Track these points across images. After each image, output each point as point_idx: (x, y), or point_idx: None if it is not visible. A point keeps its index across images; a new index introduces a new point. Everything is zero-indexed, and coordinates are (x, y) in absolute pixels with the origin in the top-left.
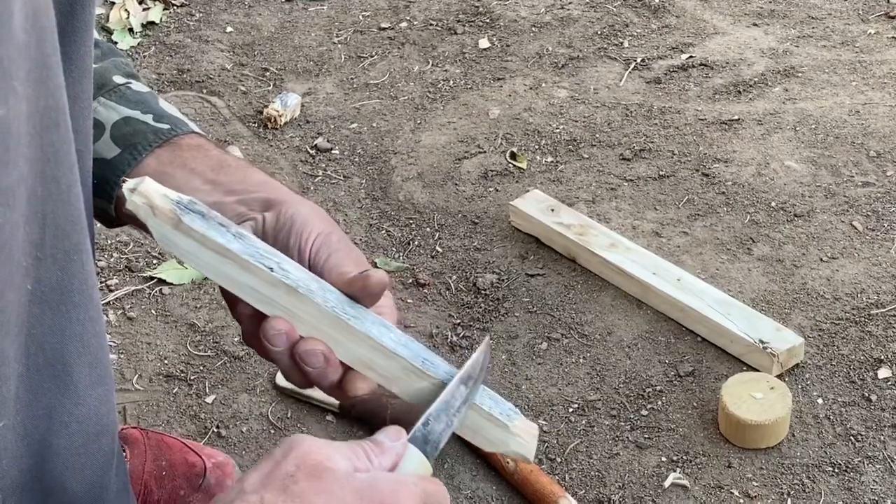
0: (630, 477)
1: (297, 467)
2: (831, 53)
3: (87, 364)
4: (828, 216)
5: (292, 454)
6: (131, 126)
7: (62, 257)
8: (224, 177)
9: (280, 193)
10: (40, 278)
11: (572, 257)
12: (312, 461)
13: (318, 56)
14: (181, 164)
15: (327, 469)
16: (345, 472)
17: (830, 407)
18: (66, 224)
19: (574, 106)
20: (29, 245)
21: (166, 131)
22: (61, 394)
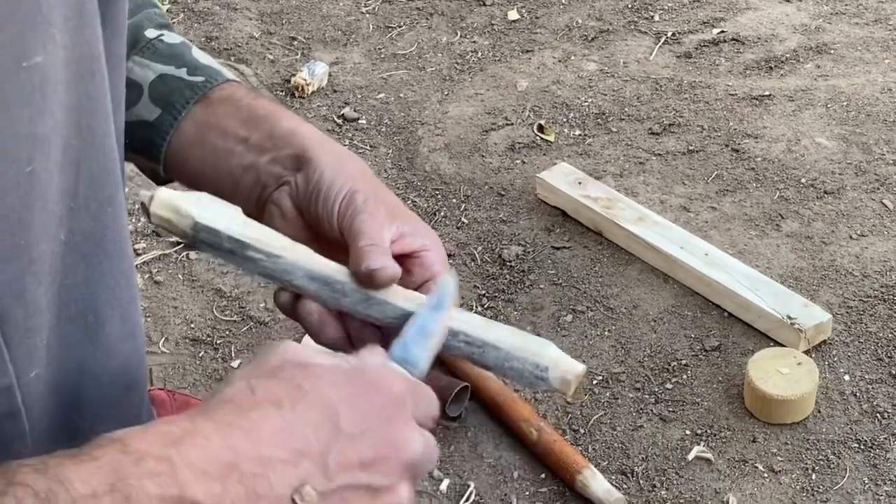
0: (653, 449)
1: (284, 361)
2: (864, 31)
3: (118, 317)
4: (858, 193)
5: (277, 353)
6: (167, 84)
7: (95, 207)
8: (255, 132)
9: (310, 148)
10: (74, 228)
11: (599, 230)
12: (298, 358)
13: (346, 26)
14: (215, 125)
15: (312, 359)
16: (331, 362)
17: (857, 384)
18: (100, 174)
19: (603, 79)
20: (63, 194)
21: (200, 85)
22: (92, 346)
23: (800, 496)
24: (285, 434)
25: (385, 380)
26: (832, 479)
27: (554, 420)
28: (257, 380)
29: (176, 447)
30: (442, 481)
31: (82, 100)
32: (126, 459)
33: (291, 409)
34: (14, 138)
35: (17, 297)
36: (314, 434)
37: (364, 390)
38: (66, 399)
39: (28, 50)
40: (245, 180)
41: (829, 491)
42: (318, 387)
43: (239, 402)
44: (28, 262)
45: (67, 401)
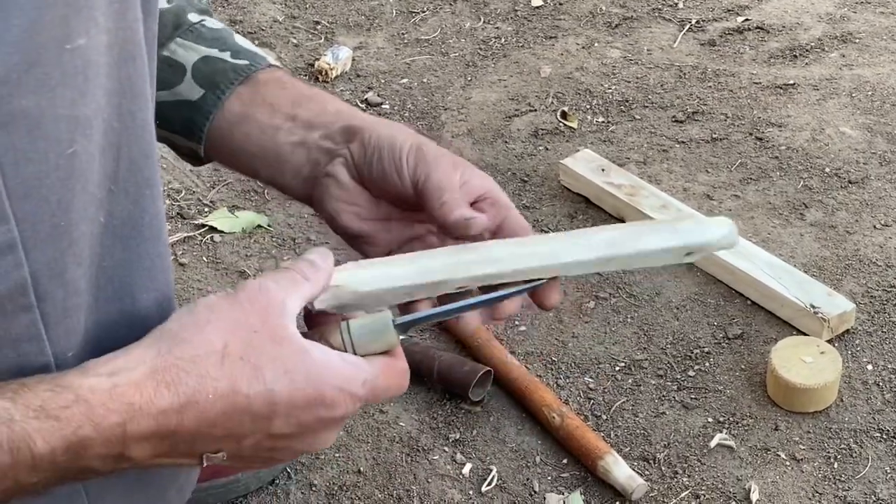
0: (675, 436)
1: (262, 322)
2: (890, 20)
3: (154, 300)
4: (882, 183)
5: (258, 304)
6: (211, 65)
7: (134, 191)
8: (303, 111)
9: (358, 119)
10: (113, 211)
11: (622, 218)
12: (275, 321)
13: (369, 10)
14: (262, 102)
15: (286, 338)
16: (300, 347)
17: (880, 373)
18: (140, 158)
19: (627, 66)
20: (103, 177)
21: (245, 67)
22: (128, 327)
23: (822, 484)
24: (227, 418)
25: (337, 400)
26: (854, 468)
27: (576, 406)
28: (234, 345)
29: (131, 417)
30: (464, 465)
31: (124, 84)
32: (86, 425)
33: (245, 397)
34: (56, 119)
35: (57, 278)
36: (251, 425)
37: (312, 403)
38: None
39: (72, 32)
40: (295, 158)
41: (851, 480)
42: (276, 384)
43: (205, 371)
44: (68, 243)
45: None
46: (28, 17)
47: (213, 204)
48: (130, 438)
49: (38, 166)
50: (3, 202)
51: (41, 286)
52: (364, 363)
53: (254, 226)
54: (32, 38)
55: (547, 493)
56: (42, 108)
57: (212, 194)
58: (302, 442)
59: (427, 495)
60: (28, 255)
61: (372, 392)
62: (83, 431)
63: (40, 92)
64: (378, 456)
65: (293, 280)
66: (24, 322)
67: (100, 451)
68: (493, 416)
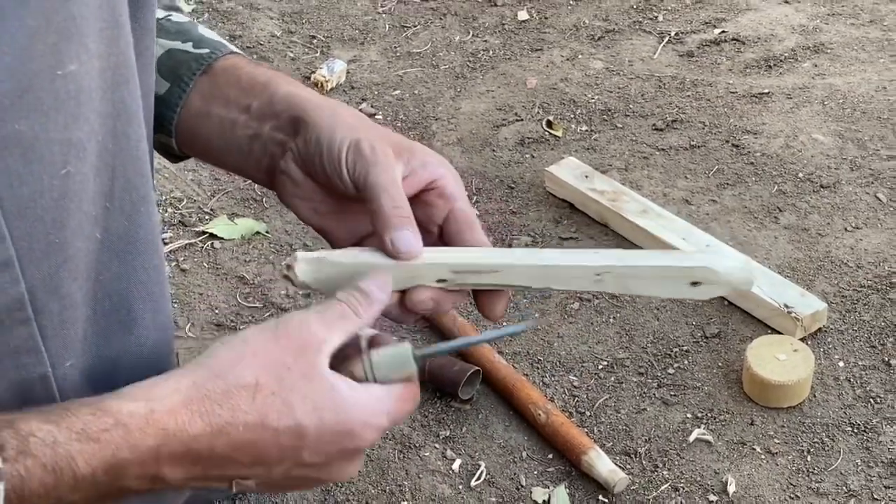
0: (656, 431)
1: (295, 358)
2: (860, 31)
3: (150, 310)
4: (853, 187)
5: (295, 342)
6: (174, 58)
7: (129, 208)
8: (255, 100)
9: (303, 109)
10: (109, 227)
11: (605, 222)
12: (309, 358)
13: (363, 25)
14: (219, 95)
15: (316, 375)
16: (329, 384)
17: (851, 370)
18: (134, 177)
19: (609, 77)
20: (98, 195)
21: (206, 56)
22: (125, 337)
23: (796, 477)
24: (255, 448)
25: (362, 433)
26: (826, 460)
27: (561, 403)
28: (265, 378)
29: (166, 442)
30: (454, 461)
31: (117, 106)
32: (124, 447)
33: (273, 430)
34: (49, 143)
35: (53, 292)
36: (277, 454)
37: (340, 437)
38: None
39: (63, 59)
40: (254, 151)
41: (823, 472)
42: (304, 418)
43: (236, 405)
44: (63, 259)
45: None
46: (20, 45)
47: (213, 212)
48: (164, 461)
49: (32, 187)
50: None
51: (38, 300)
52: (386, 394)
53: (252, 232)
54: (25, 65)
55: (533, 487)
56: (35, 132)
57: (212, 202)
58: (329, 471)
59: (419, 490)
60: (24, 272)
61: (393, 420)
62: (121, 454)
63: (33, 117)
64: (371, 453)
65: (341, 315)
66: (22, 335)
67: (136, 472)
68: (481, 414)
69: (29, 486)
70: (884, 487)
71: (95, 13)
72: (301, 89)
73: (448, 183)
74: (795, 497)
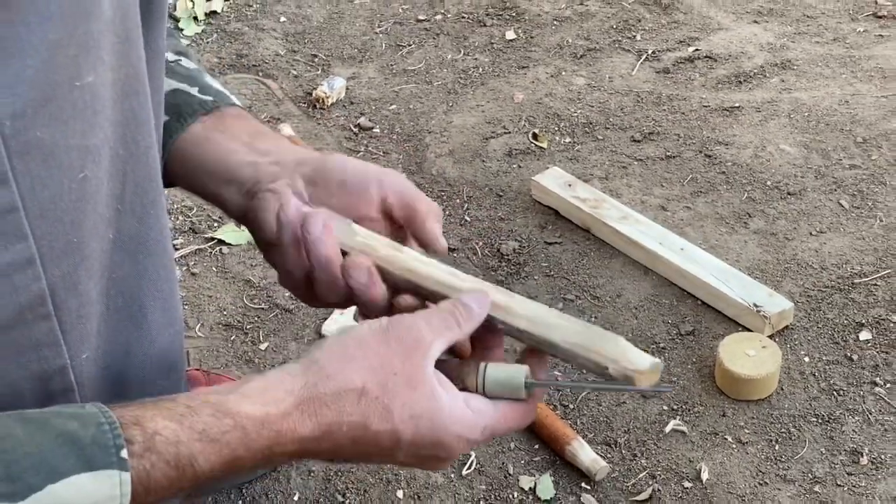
0: (635, 423)
1: (402, 362)
2: (824, 49)
3: (160, 307)
4: (817, 194)
5: (404, 345)
6: (178, 98)
7: (140, 211)
8: (260, 142)
9: (310, 154)
10: (121, 229)
11: (587, 228)
12: (416, 362)
13: (361, 44)
14: (223, 130)
15: (421, 381)
16: (431, 392)
17: (816, 365)
18: (144, 181)
19: (590, 92)
20: (111, 199)
21: (210, 102)
22: (137, 332)
23: (764, 464)
24: (357, 446)
25: (455, 444)
26: (793, 449)
27: (546, 397)
28: (372, 384)
29: (278, 441)
30: None
31: (127, 115)
32: (241, 447)
33: (374, 433)
34: (68, 149)
35: (71, 289)
36: (376, 453)
37: (432, 446)
38: (114, 379)
39: (81, 71)
40: (243, 174)
41: (790, 460)
42: (402, 425)
43: (342, 407)
44: (81, 258)
45: (115, 380)
46: (41, 58)
47: (221, 219)
48: (276, 456)
49: (52, 190)
50: (22, 221)
51: (58, 297)
52: (489, 409)
53: None
54: (46, 76)
55: (520, 476)
56: (56, 139)
57: (220, 211)
58: (421, 466)
59: (413, 479)
60: (45, 270)
61: (491, 435)
62: (238, 452)
63: (54, 124)
64: None
65: (447, 325)
66: (43, 329)
67: (249, 465)
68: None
69: (154, 479)
70: (846, 474)
71: (110, 28)
72: (306, 149)
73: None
74: (764, 483)
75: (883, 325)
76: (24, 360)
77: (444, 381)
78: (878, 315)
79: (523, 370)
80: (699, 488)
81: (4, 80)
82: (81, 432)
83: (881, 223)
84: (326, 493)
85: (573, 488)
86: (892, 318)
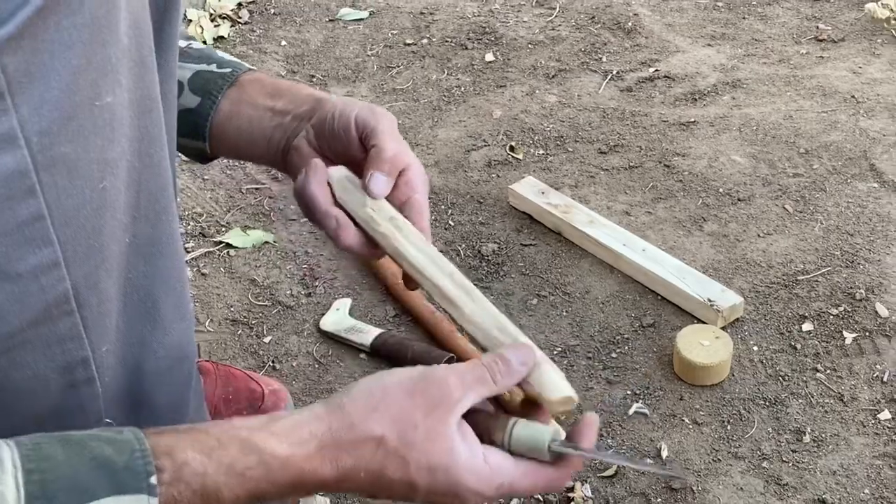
0: (601, 406)
1: (424, 416)
2: (770, 69)
3: (172, 304)
4: (765, 200)
5: (430, 399)
6: (202, 77)
7: (153, 217)
8: (279, 102)
9: (320, 97)
10: (136, 233)
11: (558, 231)
12: (439, 416)
13: (355, 66)
14: (247, 100)
15: (441, 435)
16: (449, 447)
17: (764, 353)
18: (157, 190)
19: (561, 109)
20: (128, 206)
21: (229, 74)
22: (151, 326)
23: (718, 443)
24: (373, 489)
25: (468, 498)
26: (744, 429)
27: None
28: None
29: (300, 480)
30: None
31: (143, 131)
32: (264, 482)
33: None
34: (89, 162)
35: (92, 288)
36: (390, 496)
37: (447, 497)
38: (131, 369)
39: (101, 92)
40: (274, 137)
41: (741, 439)
42: (418, 477)
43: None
44: (101, 260)
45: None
46: (65, 81)
47: (228, 224)
48: (299, 491)
49: (75, 200)
50: (48, 229)
51: (80, 295)
52: (508, 466)
53: (262, 242)
54: (69, 97)
55: None
56: (78, 154)
57: (227, 217)
58: None
59: None
60: (69, 271)
61: (509, 491)
62: (261, 487)
63: (76, 140)
64: None
65: (482, 380)
66: (67, 324)
67: (274, 497)
68: None
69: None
70: (791, 451)
71: (126, 54)
72: (320, 92)
73: (415, 174)
74: (718, 461)
75: (823, 317)
76: (50, 352)
77: (468, 434)
78: (819, 308)
79: (549, 431)
80: (659, 465)
81: (32, 102)
82: (116, 458)
83: (822, 225)
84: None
85: None
86: (831, 311)
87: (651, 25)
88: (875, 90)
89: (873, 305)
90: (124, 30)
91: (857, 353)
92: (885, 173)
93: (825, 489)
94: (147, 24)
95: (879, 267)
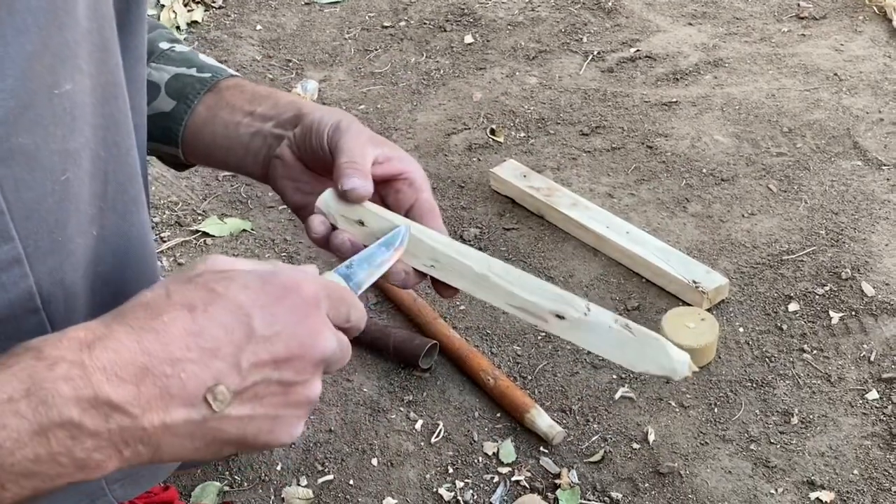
0: (587, 391)
1: (204, 269)
2: (752, 48)
3: None
4: (748, 180)
5: (200, 262)
6: (180, 81)
7: (122, 208)
8: (259, 107)
9: (305, 107)
10: (104, 225)
11: (541, 214)
12: (217, 266)
13: (332, 49)
14: (225, 105)
15: (230, 269)
16: (246, 269)
17: (749, 335)
18: (125, 180)
19: (542, 91)
20: (94, 197)
21: (208, 79)
22: None
23: (705, 426)
24: (196, 336)
25: (298, 283)
26: (731, 412)
27: (507, 369)
28: (175, 285)
29: (89, 351)
30: (416, 422)
31: (107, 119)
32: (40, 365)
33: (203, 311)
34: (49, 153)
35: (58, 284)
36: (226, 336)
37: (277, 293)
38: None
39: (59, 79)
40: (253, 144)
41: (728, 421)
42: (230, 290)
43: (153, 306)
44: (66, 254)
45: None
46: (20, 68)
47: (205, 213)
48: (99, 379)
49: (36, 192)
50: (8, 224)
51: (45, 291)
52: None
53: (240, 230)
54: (25, 85)
55: (484, 442)
56: (37, 144)
57: (204, 205)
58: (295, 340)
59: (387, 448)
60: (32, 267)
61: (326, 287)
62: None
63: (34, 130)
64: (345, 417)
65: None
66: (33, 323)
67: (71, 398)
68: (439, 381)
69: None
70: (779, 433)
71: (86, 38)
72: (301, 100)
73: (416, 176)
74: (705, 444)
75: (809, 297)
76: None
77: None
78: (804, 288)
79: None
80: (646, 449)
81: None
82: None
83: (806, 205)
84: (307, 462)
85: (533, 452)
86: (817, 291)
87: (631, 5)
88: (857, 67)
89: (859, 284)
90: (83, 12)
91: (844, 333)
92: (869, 151)
93: (814, 471)
94: (108, 7)
95: (865, 245)
